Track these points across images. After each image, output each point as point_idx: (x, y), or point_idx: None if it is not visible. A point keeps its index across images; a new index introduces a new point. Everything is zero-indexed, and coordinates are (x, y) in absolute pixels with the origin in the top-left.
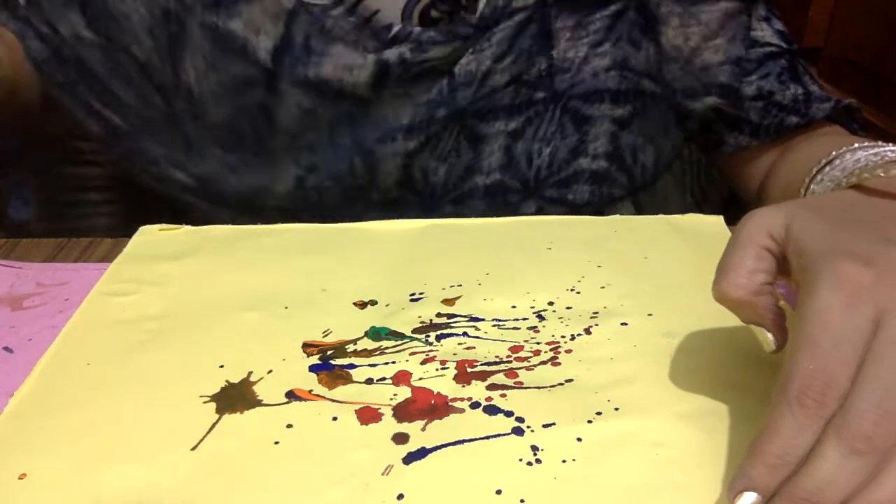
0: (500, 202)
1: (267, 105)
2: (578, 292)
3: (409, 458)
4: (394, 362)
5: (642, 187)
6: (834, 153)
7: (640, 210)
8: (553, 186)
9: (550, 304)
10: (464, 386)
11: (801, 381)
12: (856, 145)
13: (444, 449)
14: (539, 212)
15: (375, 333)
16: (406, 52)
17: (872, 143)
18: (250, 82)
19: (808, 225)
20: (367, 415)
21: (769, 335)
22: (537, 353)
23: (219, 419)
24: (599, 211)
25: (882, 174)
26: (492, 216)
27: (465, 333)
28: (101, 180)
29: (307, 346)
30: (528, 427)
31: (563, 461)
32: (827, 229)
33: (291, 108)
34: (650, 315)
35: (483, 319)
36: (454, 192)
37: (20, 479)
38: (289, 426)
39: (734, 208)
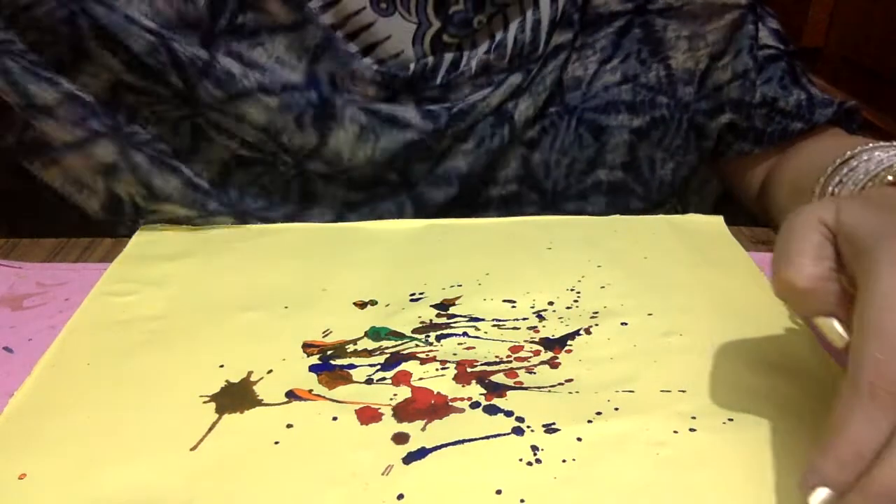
0: (515, 213)
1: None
2: (578, 292)
3: (409, 458)
4: (396, 363)
5: (661, 202)
6: (849, 153)
7: None
8: (571, 199)
9: (550, 304)
10: (464, 386)
11: (872, 373)
12: (870, 145)
13: (444, 449)
14: None
15: (375, 333)
16: (454, 107)
17: (887, 144)
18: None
19: (858, 212)
20: (367, 415)
21: (839, 326)
22: (537, 353)
23: (219, 419)
24: None
25: None
26: None
27: (465, 333)
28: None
29: (307, 346)
30: (528, 427)
31: (563, 461)
32: (877, 214)
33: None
34: (650, 315)
35: (483, 319)
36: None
37: (20, 479)
38: (289, 426)
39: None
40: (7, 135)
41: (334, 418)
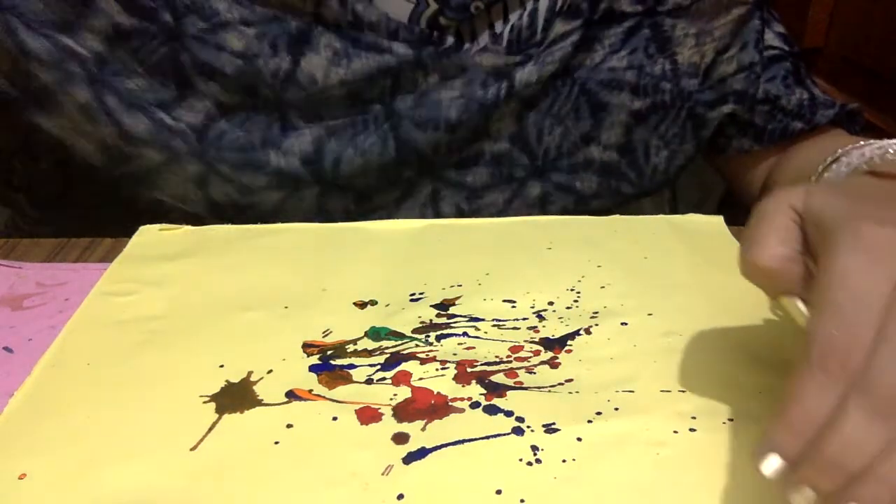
0: (504, 176)
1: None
2: (578, 292)
3: (409, 458)
4: (396, 363)
5: (652, 190)
6: (839, 151)
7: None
8: (561, 171)
9: (550, 304)
10: (464, 386)
11: (824, 346)
12: (861, 143)
13: (444, 449)
14: (545, 198)
15: (375, 333)
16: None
17: (877, 141)
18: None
19: (826, 198)
20: (367, 415)
21: (802, 306)
22: (537, 353)
23: (219, 419)
24: (610, 210)
25: (892, 158)
26: (494, 188)
27: (465, 333)
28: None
29: (307, 346)
30: (528, 427)
31: (563, 461)
32: (844, 200)
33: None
34: (650, 315)
35: (483, 319)
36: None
37: (20, 479)
38: (289, 426)
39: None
40: (15, 87)
41: (334, 418)
